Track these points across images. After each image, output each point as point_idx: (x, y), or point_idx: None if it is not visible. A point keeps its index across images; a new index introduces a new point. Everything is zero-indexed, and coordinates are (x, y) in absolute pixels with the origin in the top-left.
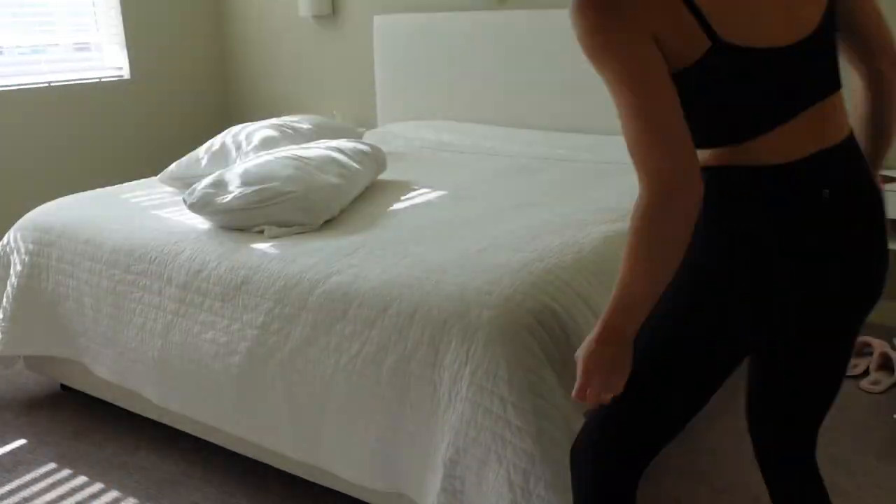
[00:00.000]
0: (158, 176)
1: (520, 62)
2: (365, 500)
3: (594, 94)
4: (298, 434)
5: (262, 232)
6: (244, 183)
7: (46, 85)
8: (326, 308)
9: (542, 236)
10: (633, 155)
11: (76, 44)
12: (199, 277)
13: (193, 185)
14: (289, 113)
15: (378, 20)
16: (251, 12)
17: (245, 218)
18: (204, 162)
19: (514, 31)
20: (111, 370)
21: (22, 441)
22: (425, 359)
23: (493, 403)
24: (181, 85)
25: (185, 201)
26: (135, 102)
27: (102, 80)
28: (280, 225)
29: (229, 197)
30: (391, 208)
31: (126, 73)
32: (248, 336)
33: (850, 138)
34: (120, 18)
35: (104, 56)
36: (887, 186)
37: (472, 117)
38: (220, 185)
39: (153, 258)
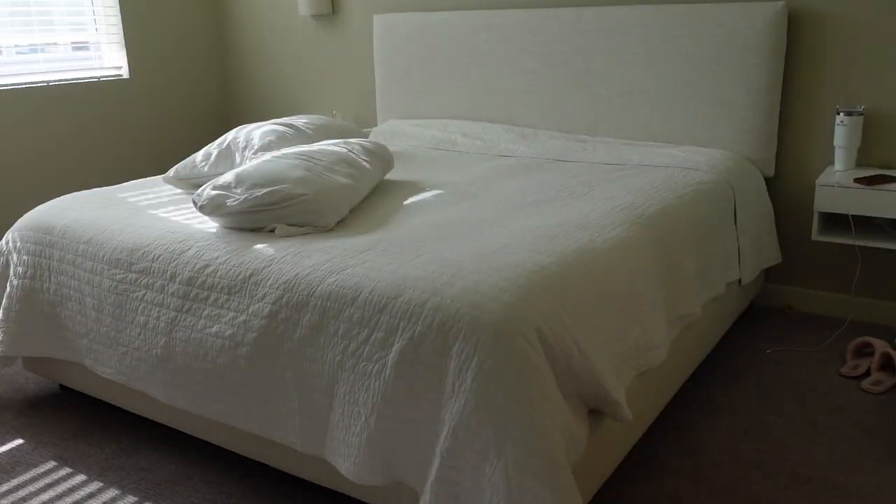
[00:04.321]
0: (163, 176)
1: (520, 62)
2: (364, 500)
3: (595, 94)
4: (307, 425)
5: (272, 231)
6: (254, 185)
7: (45, 85)
8: (336, 295)
9: (559, 237)
10: None
11: (75, 43)
12: (204, 273)
13: (202, 187)
14: (288, 112)
15: (378, 19)
16: (251, 12)
17: (255, 220)
18: (209, 162)
19: (514, 31)
20: (115, 371)
21: (21, 441)
22: (433, 346)
23: (498, 397)
24: (180, 85)
25: (194, 203)
26: (134, 102)
27: (101, 79)
28: (291, 225)
29: (240, 199)
30: (404, 207)
31: (125, 73)
32: (256, 327)
33: None
34: (119, 18)
35: (103, 56)
36: (887, 186)
37: (472, 117)
38: (229, 186)
39: (156, 256)
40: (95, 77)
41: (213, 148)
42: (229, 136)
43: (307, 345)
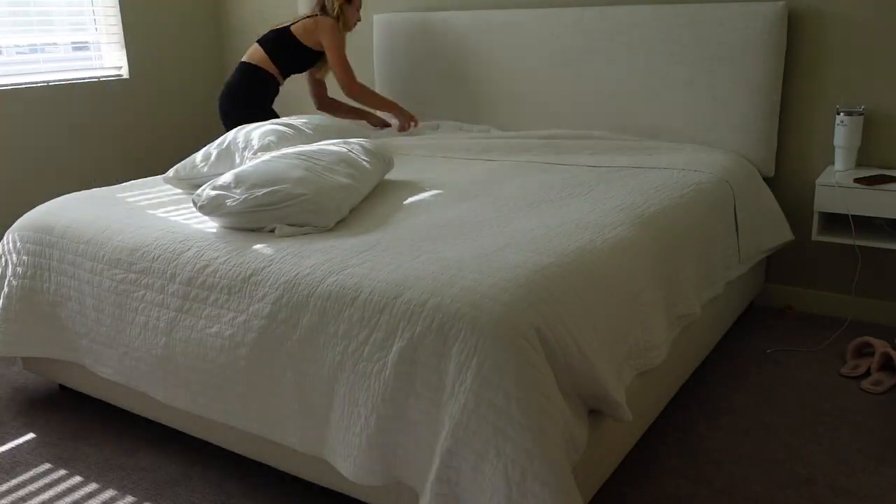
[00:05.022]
0: (162, 176)
1: (520, 62)
2: (364, 500)
3: (595, 94)
4: (306, 425)
5: (272, 231)
6: (254, 185)
7: (45, 85)
8: (336, 295)
9: (559, 238)
10: None
11: (75, 43)
12: (204, 272)
13: (202, 188)
14: (287, 113)
15: (378, 19)
16: (251, 12)
17: (255, 220)
18: (208, 162)
19: (514, 31)
20: (115, 371)
21: (20, 441)
22: (433, 347)
23: (498, 397)
24: (180, 85)
25: (194, 203)
26: (133, 102)
27: (101, 79)
28: (291, 225)
29: (239, 199)
30: (404, 207)
31: (125, 73)
32: (255, 327)
33: None
34: (119, 18)
35: (103, 56)
36: (887, 186)
37: (472, 117)
38: (229, 187)
39: (156, 256)
40: (95, 77)
41: (212, 148)
42: (229, 136)
43: (307, 345)
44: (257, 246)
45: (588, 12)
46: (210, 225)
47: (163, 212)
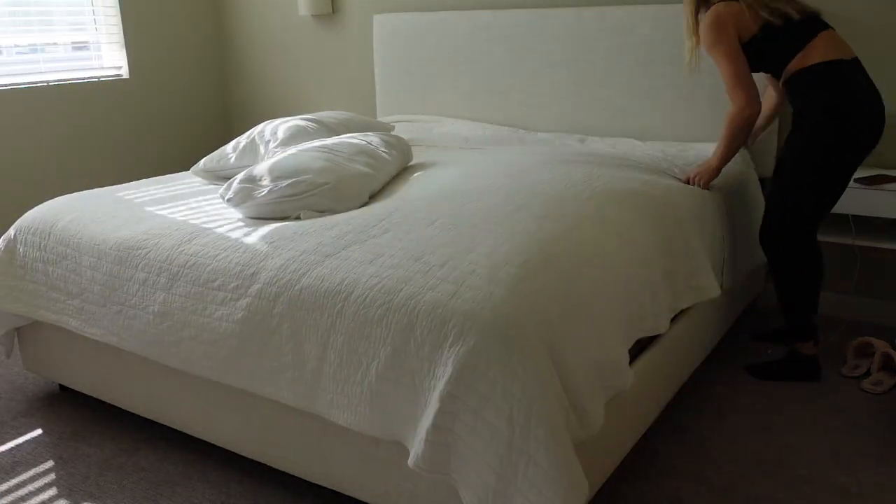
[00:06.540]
0: (191, 169)
1: (520, 62)
2: (364, 499)
3: (594, 94)
4: (299, 378)
5: (297, 219)
6: (279, 177)
7: (45, 84)
8: (331, 278)
9: (556, 233)
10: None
11: (75, 43)
12: (215, 242)
13: (229, 181)
14: (288, 112)
15: (378, 19)
16: (251, 12)
17: (281, 210)
18: (234, 156)
19: (514, 31)
20: (106, 330)
21: (20, 441)
22: (441, 291)
23: (490, 376)
24: (180, 85)
25: (222, 197)
26: (133, 102)
27: (101, 79)
28: (314, 212)
29: (265, 190)
30: (409, 199)
31: (125, 73)
32: (262, 278)
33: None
34: (119, 18)
35: (103, 56)
36: (887, 186)
37: (472, 117)
38: (255, 179)
39: (159, 243)
40: (95, 77)
41: (241, 140)
42: (256, 129)
43: (307, 295)
44: (270, 225)
45: (588, 12)
46: (226, 219)
47: (169, 209)
